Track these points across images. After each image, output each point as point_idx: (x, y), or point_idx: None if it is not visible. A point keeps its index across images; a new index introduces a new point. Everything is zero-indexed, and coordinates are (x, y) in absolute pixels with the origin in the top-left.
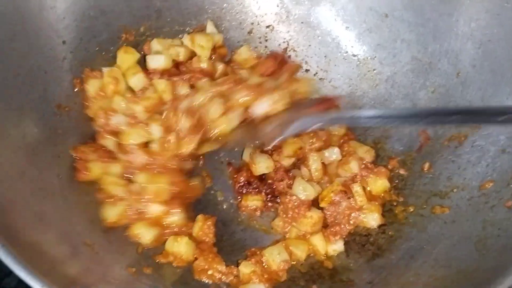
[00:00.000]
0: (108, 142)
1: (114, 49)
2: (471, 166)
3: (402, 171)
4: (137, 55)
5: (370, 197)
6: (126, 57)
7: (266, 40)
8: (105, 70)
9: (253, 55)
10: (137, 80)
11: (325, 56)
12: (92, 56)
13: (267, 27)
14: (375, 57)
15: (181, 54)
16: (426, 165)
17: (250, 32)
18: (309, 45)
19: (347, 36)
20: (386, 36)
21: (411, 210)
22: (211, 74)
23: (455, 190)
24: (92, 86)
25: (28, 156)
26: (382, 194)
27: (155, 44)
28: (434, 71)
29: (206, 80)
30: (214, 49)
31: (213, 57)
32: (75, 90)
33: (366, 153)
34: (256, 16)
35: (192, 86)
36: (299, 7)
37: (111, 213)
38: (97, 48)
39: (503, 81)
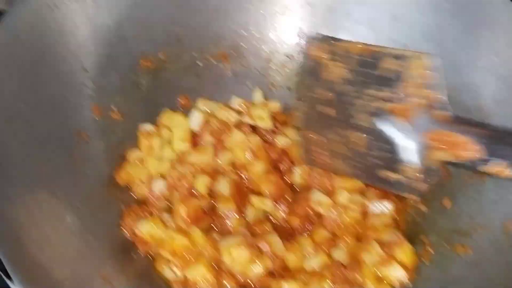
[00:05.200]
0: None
1: (133, 76)
2: (494, 205)
3: (422, 207)
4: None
5: None
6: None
7: (285, 69)
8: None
9: None
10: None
11: None
12: (111, 83)
13: (286, 55)
14: None
15: (232, 118)
16: (447, 202)
17: (268, 61)
18: None
19: None
20: None
21: (432, 248)
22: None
23: (478, 229)
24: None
25: (48, 185)
26: None
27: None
28: (454, 104)
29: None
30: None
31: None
32: (95, 118)
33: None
34: (275, 45)
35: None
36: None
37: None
38: (116, 74)
39: None
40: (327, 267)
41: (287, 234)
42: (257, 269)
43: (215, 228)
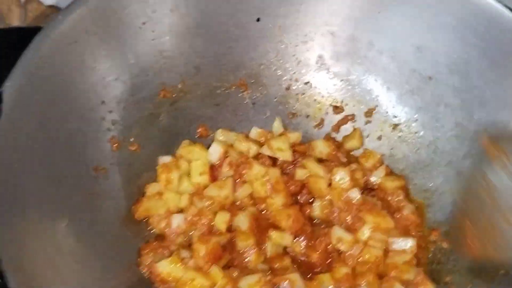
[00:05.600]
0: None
1: (152, 107)
2: None
3: (444, 244)
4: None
5: None
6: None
7: (304, 97)
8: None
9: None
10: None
11: (364, 116)
12: (131, 115)
13: (306, 83)
14: (417, 120)
15: (252, 150)
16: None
17: (287, 88)
18: (346, 104)
19: (388, 96)
20: (429, 99)
21: None
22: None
23: (501, 272)
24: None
25: (65, 223)
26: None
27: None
28: (481, 140)
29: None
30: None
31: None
32: (112, 151)
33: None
34: (295, 73)
35: None
36: (339, 64)
37: None
38: (135, 107)
39: None
40: None
41: (306, 268)
42: None
43: (233, 264)
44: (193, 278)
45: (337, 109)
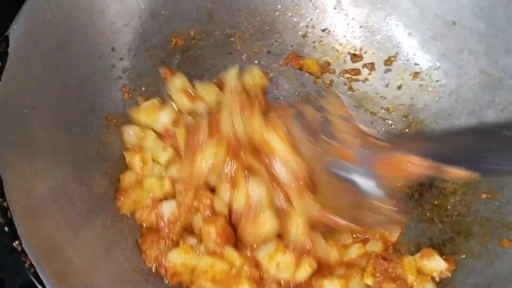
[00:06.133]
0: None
1: (163, 54)
2: None
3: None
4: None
5: None
6: None
7: (321, 45)
8: None
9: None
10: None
11: (384, 64)
12: (142, 63)
13: (323, 30)
14: (439, 67)
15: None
16: (492, 193)
17: (304, 36)
18: (365, 52)
19: (409, 43)
20: (452, 45)
21: (475, 240)
22: None
23: None
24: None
25: (76, 173)
26: None
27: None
28: (505, 88)
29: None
30: None
31: None
32: (123, 100)
33: None
34: (311, 19)
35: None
36: (358, 10)
37: None
38: (146, 54)
39: None
40: (367, 257)
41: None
42: (305, 271)
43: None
44: (211, 263)
45: (355, 57)
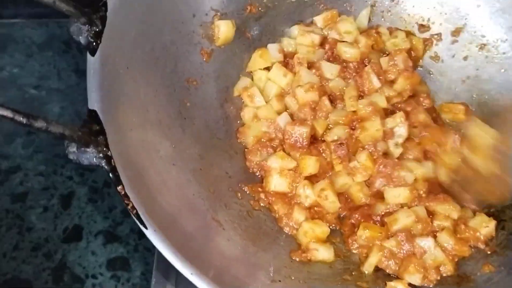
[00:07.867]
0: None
1: (238, 22)
2: None
3: None
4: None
5: None
6: None
7: (390, 15)
8: None
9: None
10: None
11: (451, 35)
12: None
13: (392, 0)
14: (506, 40)
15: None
16: None
17: (373, 5)
18: (433, 23)
19: (477, 15)
20: None
21: None
22: None
23: None
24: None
25: (162, 131)
26: None
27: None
28: None
29: None
30: None
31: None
32: (202, 62)
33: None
34: None
35: None
36: None
37: None
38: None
39: None
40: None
41: None
42: None
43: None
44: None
45: (423, 27)
